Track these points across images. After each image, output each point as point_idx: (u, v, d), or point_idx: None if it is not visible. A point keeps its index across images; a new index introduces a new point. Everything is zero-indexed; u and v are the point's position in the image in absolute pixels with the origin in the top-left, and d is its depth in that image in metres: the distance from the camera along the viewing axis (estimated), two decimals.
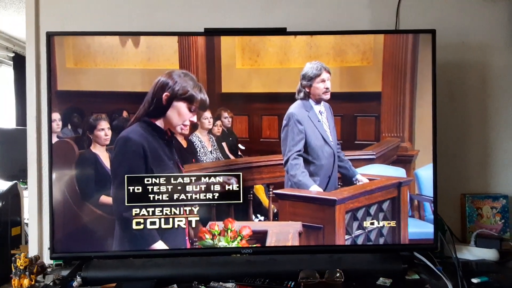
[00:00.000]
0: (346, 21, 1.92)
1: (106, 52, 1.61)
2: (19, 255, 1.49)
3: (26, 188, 3.66)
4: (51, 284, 1.49)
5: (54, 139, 1.60)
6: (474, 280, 1.51)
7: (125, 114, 1.62)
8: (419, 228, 1.69)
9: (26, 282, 1.47)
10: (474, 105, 1.99)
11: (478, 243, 1.79)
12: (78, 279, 1.52)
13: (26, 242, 3.51)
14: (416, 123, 1.68)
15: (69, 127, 1.62)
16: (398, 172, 1.70)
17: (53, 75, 1.60)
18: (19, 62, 4.71)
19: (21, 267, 1.47)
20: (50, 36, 1.60)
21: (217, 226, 1.62)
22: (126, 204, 1.58)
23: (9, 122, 4.70)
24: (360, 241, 1.65)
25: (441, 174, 1.67)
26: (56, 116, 1.60)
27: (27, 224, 3.55)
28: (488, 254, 1.74)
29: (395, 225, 1.66)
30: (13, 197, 3.47)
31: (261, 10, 1.93)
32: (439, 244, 1.67)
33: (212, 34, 1.63)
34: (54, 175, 1.59)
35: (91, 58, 1.61)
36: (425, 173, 1.68)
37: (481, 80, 1.99)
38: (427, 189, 1.67)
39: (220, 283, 1.51)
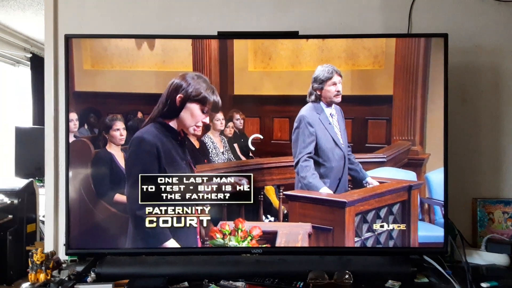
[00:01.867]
0: (358, 25, 1.93)
1: (122, 54, 1.65)
2: (35, 251, 1.52)
3: (42, 186, 3.75)
4: (66, 279, 1.52)
5: (71, 139, 1.64)
6: (484, 285, 1.51)
7: (139, 115, 1.66)
8: (429, 232, 1.69)
9: (42, 276, 1.51)
10: (486, 109, 1.98)
11: (489, 248, 1.77)
12: (92, 274, 1.56)
13: (41, 239, 3.59)
14: (427, 127, 1.68)
15: (86, 127, 1.67)
16: (408, 176, 1.70)
17: (70, 77, 1.64)
18: (36, 63, 4.80)
19: (37, 262, 1.51)
20: (68, 38, 1.65)
21: (228, 226, 1.64)
22: (139, 202, 1.62)
23: (26, 121, 4.79)
24: (369, 243, 1.66)
25: (453, 178, 1.67)
26: (73, 116, 1.65)
27: (42, 221, 3.63)
28: (499, 259, 1.72)
29: (405, 228, 1.67)
30: (29, 195, 3.55)
31: (273, 14, 1.95)
32: (449, 248, 1.67)
33: (226, 37, 1.66)
34: (70, 173, 1.63)
35: (107, 60, 1.65)
36: (435, 176, 1.68)
37: (493, 84, 1.98)
38: (438, 192, 1.67)
39: (230, 281, 1.54)
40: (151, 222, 1.62)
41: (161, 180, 1.61)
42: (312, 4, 1.96)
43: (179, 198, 1.62)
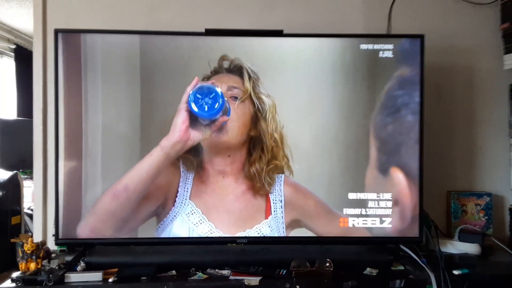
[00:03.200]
0: (340, 24, 1.99)
1: None
2: (26, 240, 1.56)
3: (27, 178, 3.74)
4: (56, 268, 1.55)
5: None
6: (456, 272, 1.58)
7: None
8: None
9: (32, 265, 1.54)
10: (460, 107, 2.08)
11: (462, 238, 1.86)
12: (82, 264, 1.59)
13: (26, 231, 3.57)
14: None
15: None
16: None
17: None
18: (20, 54, 4.75)
19: (28, 252, 1.54)
20: (57, 32, 1.67)
21: None
22: None
23: (10, 113, 4.74)
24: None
25: (429, 172, 1.74)
26: None
27: (26, 213, 3.62)
28: (471, 248, 1.81)
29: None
30: (14, 187, 3.53)
31: (259, 13, 2.01)
32: (424, 238, 1.74)
33: (213, 34, 1.70)
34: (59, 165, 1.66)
35: None
36: None
37: (468, 83, 2.08)
38: None
39: (216, 270, 1.59)
40: None
41: None
42: (296, 4, 2.01)
43: None
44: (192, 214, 1.68)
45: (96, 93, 1.67)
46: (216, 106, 1.55)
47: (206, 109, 1.56)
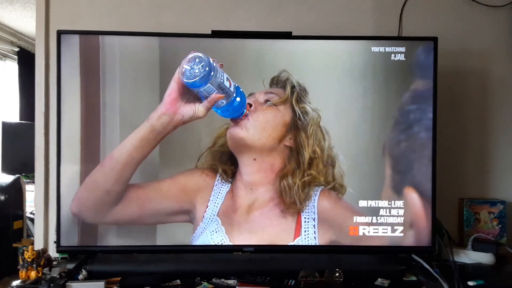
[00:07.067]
0: (350, 27, 1.96)
1: None
2: (26, 248, 1.52)
3: (29, 182, 3.72)
4: (57, 276, 1.51)
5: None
6: (470, 283, 1.54)
7: None
8: None
9: (33, 274, 1.50)
10: (473, 112, 2.03)
11: (475, 247, 1.81)
12: (84, 272, 1.55)
13: (28, 236, 3.55)
14: None
15: None
16: None
17: None
18: (23, 57, 4.73)
19: (28, 260, 1.50)
20: (60, 34, 1.63)
21: None
22: None
23: (12, 116, 4.72)
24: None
25: (441, 179, 1.69)
26: None
27: (29, 218, 3.60)
28: (485, 258, 1.76)
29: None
30: (16, 191, 3.52)
31: (266, 14, 1.97)
32: (436, 247, 1.69)
33: (219, 36, 1.66)
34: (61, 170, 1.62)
35: None
36: None
37: (481, 87, 2.03)
38: None
39: (222, 279, 1.55)
40: None
41: None
42: (305, 5, 1.98)
43: None
44: (216, 232, 1.62)
45: (97, 95, 1.62)
46: (201, 75, 1.43)
47: (191, 77, 1.45)
